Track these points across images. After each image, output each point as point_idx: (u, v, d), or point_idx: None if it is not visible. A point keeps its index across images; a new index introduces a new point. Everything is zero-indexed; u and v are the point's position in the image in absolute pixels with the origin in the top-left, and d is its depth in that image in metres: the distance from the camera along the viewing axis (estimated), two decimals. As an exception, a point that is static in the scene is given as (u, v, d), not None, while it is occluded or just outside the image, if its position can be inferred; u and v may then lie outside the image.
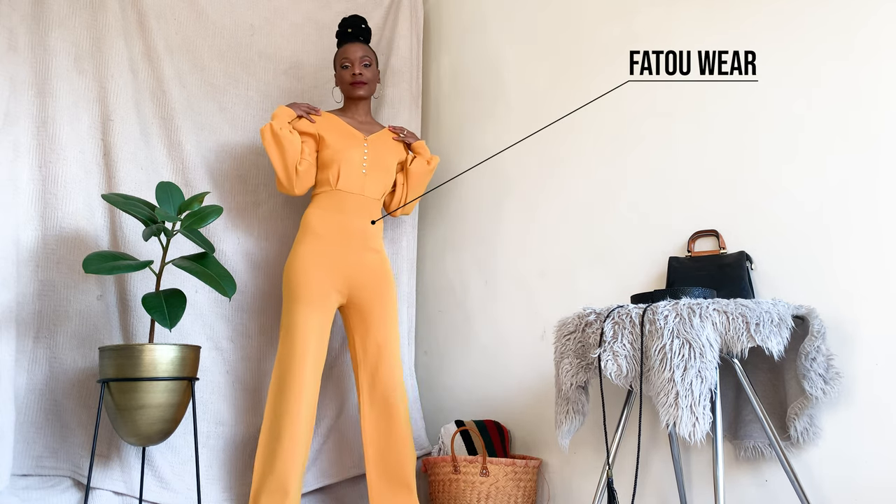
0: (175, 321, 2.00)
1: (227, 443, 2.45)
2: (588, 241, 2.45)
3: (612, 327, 1.74)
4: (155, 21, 2.52)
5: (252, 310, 2.58)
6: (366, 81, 2.50)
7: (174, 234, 2.15)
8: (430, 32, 3.17)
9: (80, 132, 2.33)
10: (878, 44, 1.88)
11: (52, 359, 2.23)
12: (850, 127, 1.91)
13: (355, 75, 2.48)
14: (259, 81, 2.72)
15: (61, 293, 2.25)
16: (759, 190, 2.05)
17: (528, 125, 2.72)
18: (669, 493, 2.13)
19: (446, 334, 2.87)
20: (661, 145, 2.29)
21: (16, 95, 2.24)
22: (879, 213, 1.84)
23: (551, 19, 2.70)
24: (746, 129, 2.10)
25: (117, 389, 2.00)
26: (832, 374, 1.77)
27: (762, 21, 2.10)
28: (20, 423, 2.17)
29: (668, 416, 1.60)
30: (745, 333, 1.63)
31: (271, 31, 2.78)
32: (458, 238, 2.91)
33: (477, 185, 2.87)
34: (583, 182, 2.50)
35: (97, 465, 2.22)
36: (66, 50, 2.33)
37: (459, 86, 3.01)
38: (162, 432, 2.06)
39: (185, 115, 2.54)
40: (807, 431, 1.83)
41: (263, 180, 2.68)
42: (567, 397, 1.90)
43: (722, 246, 2.08)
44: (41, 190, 2.26)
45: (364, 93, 2.51)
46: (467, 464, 2.32)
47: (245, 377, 2.53)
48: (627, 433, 2.24)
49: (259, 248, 2.63)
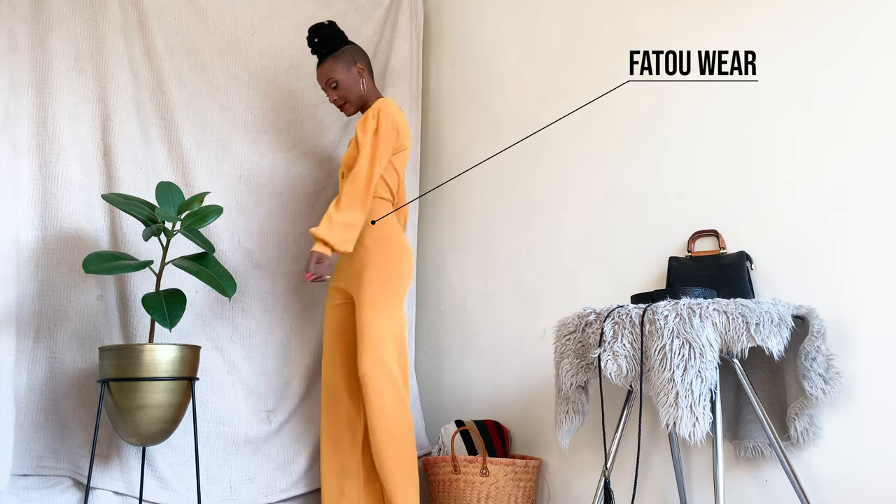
0: (175, 321, 2.00)
1: (227, 443, 2.45)
2: (588, 241, 2.45)
3: (612, 327, 1.74)
4: (155, 21, 2.52)
5: (252, 310, 2.58)
6: (343, 102, 2.43)
7: (174, 234, 2.15)
8: (430, 32, 3.17)
9: (80, 132, 2.33)
10: (879, 44, 1.88)
11: (52, 359, 2.23)
12: (851, 127, 1.91)
13: (332, 102, 2.45)
14: (259, 81, 2.72)
15: (61, 293, 2.25)
16: (760, 190, 2.05)
17: (527, 125, 2.72)
18: (669, 493, 2.13)
19: (446, 334, 2.87)
20: (661, 145, 2.29)
21: (16, 95, 2.24)
22: (879, 212, 1.84)
23: (551, 19, 2.70)
24: (746, 130, 2.10)
25: (117, 389, 2.00)
26: (832, 374, 1.77)
27: (762, 21, 2.10)
28: (20, 423, 2.17)
29: (668, 416, 1.60)
30: (745, 333, 1.63)
31: (271, 30, 2.78)
32: (458, 238, 2.91)
33: (477, 185, 2.87)
34: (583, 182, 2.50)
35: (97, 465, 2.22)
36: (66, 50, 2.33)
37: (459, 86, 3.01)
38: (162, 432, 2.06)
39: (185, 115, 2.54)
40: (807, 431, 1.83)
41: (264, 180, 2.68)
42: (567, 397, 1.90)
43: (722, 246, 2.08)
44: (41, 190, 2.26)
45: (349, 111, 2.46)
46: (467, 464, 2.32)
47: (245, 377, 2.53)
48: (627, 433, 2.24)
49: (259, 248, 2.63)
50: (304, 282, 2.70)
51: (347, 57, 2.41)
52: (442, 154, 3.01)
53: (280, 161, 2.72)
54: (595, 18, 2.54)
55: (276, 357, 2.60)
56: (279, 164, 2.72)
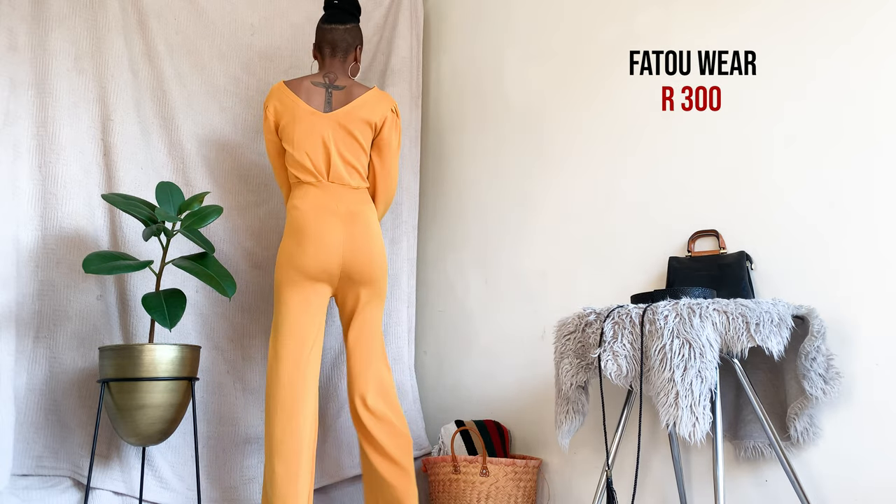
0: (175, 321, 2.00)
1: (227, 443, 2.45)
2: (588, 241, 2.45)
3: (612, 327, 1.74)
4: (155, 21, 2.52)
5: (252, 310, 2.58)
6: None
7: (174, 234, 2.15)
8: (430, 32, 3.17)
9: (80, 132, 2.33)
10: (879, 44, 1.88)
11: (52, 359, 2.23)
12: (850, 127, 1.91)
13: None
14: (259, 81, 2.72)
15: (61, 293, 2.25)
16: (759, 190, 2.05)
17: (527, 125, 2.72)
18: (669, 493, 2.13)
19: (446, 334, 2.87)
20: (660, 145, 2.29)
21: (16, 95, 2.24)
22: (880, 212, 1.84)
23: (551, 19, 2.70)
24: (746, 130, 2.10)
25: (117, 389, 2.00)
26: (832, 374, 1.77)
27: (762, 21, 2.10)
28: (20, 423, 2.17)
29: (668, 416, 1.60)
30: (745, 333, 1.63)
31: (271, 31, 2.78)
32: (458, 238, 2.91)
33: (477, 185, 2.87)
34: (583, 182, 2.50)
35: (97, 465, 2.22)
36: (66, 50, 2.33)
37: (459, 86, 3.01)
38: (162, 432, 2.06)
39: (185, 115, 2.54)
40: (807, 431, 1.83)
41: (264, 180, 2.68)
42: (567, 397, 1.90)
43: (722, 246, 2.08)
44: (41, 190, 2.26)
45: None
46: (467, 464, 2.32)
47: (245, 377, 2.53)
48: (627, 433, 2.24)
49: (259, 247, 2.63)
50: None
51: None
52: (442, 154, 3.01)
53: (280, 161, 2.72)
54: (595, 18, 2.54)
55: (276, 357, 2.60)
56: (279, 164, 2.72)
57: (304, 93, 2.28)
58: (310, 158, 2.23)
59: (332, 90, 2.32)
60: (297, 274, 2.18)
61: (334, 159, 2.24)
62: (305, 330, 2.17)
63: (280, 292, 2.20)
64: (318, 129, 2.25)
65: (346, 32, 2.36)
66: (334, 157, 2.24)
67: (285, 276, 2.19)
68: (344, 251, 2.19)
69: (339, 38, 2.36)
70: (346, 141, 2.26)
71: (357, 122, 2.27)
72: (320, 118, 2.26)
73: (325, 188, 2.23)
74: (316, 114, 2.26)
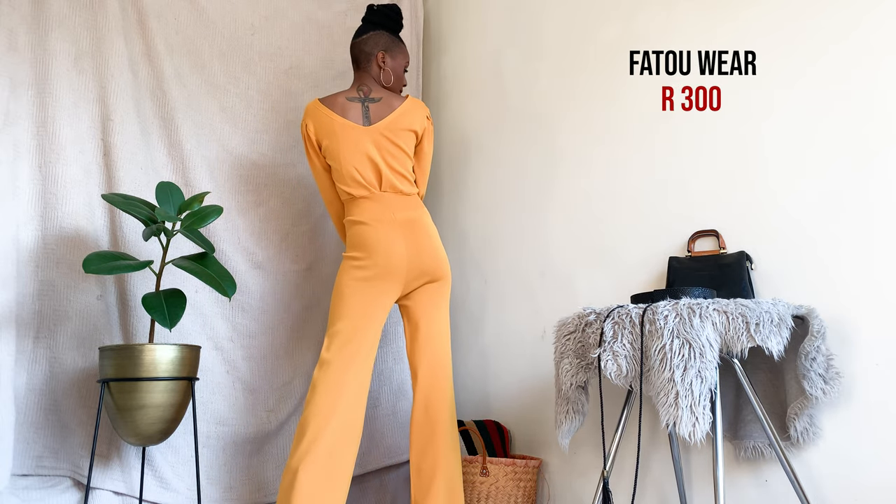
0: (175, 321, 2.00)
1: (227, 443, 2.45)
2: (588, 241, 2.45)
3: (612, 327, 1.74)
4: (155, 21, 2.52)
5: (252, 310, 2.58)
6: None
7: (174, 234, 2.15)
8: (430, 32, 3.17)
9: (80, 132, 2.33)
10: (879, 45, 1.88)
11: (52, 359, 2.23)
12: (850, 127, 1.91)
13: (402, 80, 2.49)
14: (259, 81, 2.73)
15: (61, 293, 2.25)
16: (760, 190, 2.05)
17: (527, 125, 2.72)
18: (669, 493, 2.13)
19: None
20: (660, 145, 2.29)
21: (16, 95, 2.24)
22: (880, 212, 1.84)
23: (551, 19, 2.70)
24: (746, 130, 2.10)
25: (117, 389, 2.00)
26: (832, 374, 1.77)
27: (762, 21, 2.10)
28: (20, 423, 2.17)
29: (668, 416, 1.60)
30: (745, 333, 1.63)
31: (271, 30, 2.78)
32: (458, 238, 2.91)
33: (477, 185, 2.87)
34: (583, 182, 2.50)
35: (97, 465, 2.22)
36: (66, 50, 2.33)
37: (459, 86, 3.01)
38: (162, 432, 2.06)
39: (185, 115, 2.54)
40: (807, 431, 1.83)
41: (264, 180, 2.68)
42: (567, 397, 1.90)
43: (722, 246, 2.08)
44: (41, 190, 2.26)
45: None
46: (467, 464, 2.32)
47: (245, 377, 2.53)
48: (627, 433, 2.24)
49: (259, 247, 2.63)
50: (304, 282, 2.70)
51: None
52: (442, 154, 3.01)
53: (280, 161, 2.72)
54: (595, 18, 2.54)
55: (276, 357, 2.61)
56: (279, 164, 2.72)
57: (340, 108, 2.32)
58: (359, 172, 2.27)
59: (368, 103, 2.35)
60: (364, 283, 2.20)
61: (383, 170, 2.28)
62: (362, 334, 2.17)
63: (341, 300, 2.19)
64: (361, 142, 2.28)
65: (362, 43, 2.40)
66: (383, 167, 2.28)
67: (348, 287, 2.20)
68: (409, 256, 2.23)
69: (357, 51, 2.41)
70: (392, 150, 2.30)
71: (401, 131, 2.32)
72: (361, 132, 2.29)
73: (378, 199, 2.27)
74: (356, 128, 2.29)
